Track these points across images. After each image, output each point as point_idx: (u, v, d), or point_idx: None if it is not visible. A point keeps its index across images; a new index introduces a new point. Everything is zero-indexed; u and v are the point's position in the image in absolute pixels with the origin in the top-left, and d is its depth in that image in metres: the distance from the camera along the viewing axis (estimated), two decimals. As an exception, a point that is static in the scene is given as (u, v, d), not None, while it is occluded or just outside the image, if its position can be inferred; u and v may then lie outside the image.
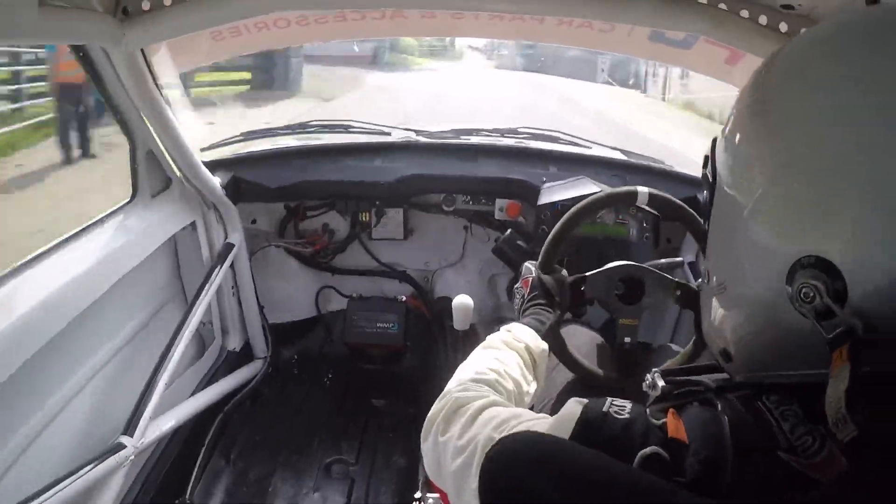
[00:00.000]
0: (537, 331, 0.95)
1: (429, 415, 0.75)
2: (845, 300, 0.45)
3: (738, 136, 0.55)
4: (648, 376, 0.63)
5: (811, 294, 0.45)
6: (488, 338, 0.93)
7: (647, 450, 0.49)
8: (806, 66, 0.52)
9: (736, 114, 0.56)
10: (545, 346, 0.93)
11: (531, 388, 0.86)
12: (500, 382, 0.80)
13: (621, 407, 0.55)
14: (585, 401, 0.58)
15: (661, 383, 0.60)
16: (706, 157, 0.61)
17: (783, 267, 0.48)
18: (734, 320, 0.56)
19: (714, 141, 0.60)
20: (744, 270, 0.53)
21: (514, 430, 0.60)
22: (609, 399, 0.57)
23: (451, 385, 0.79)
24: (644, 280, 1.05)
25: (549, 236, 1.09)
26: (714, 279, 0.59)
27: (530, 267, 1.09)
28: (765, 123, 0.52)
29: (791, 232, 0.48)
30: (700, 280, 0.64)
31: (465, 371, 0.82)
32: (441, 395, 0.77)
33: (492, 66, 14.22)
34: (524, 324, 0.96)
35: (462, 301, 1.15)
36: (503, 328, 0.94)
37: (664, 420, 0.52)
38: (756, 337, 0.54)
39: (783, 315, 0.48)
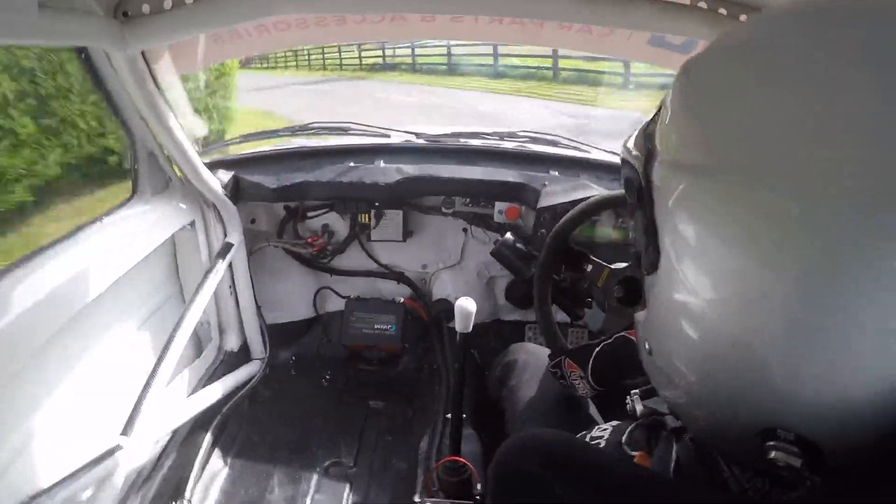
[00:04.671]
0: None
1: None
2: (821, 468, 0.41)
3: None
4: (629, 398, 0.62)
5: (783, 464, 0.41)
6: None
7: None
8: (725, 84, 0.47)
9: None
10: None
11: None
12: None
13: (600, 437, 0.58)
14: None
15: (639, 408, 0.59)
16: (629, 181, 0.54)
17: (751, 431, 0.43)
18: (674, 397, 0.51)
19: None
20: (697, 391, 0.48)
21: None
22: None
23: None
24: (636, 276, 1.05)
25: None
26: (647, 341, 0.54)
27: None
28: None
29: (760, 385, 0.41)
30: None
31: None
32: None
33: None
34: None
35: (465, 305, 1.14)
36: None
37: (636, 454, 0.54)
38: (702, 424, 0.50)
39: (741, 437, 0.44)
